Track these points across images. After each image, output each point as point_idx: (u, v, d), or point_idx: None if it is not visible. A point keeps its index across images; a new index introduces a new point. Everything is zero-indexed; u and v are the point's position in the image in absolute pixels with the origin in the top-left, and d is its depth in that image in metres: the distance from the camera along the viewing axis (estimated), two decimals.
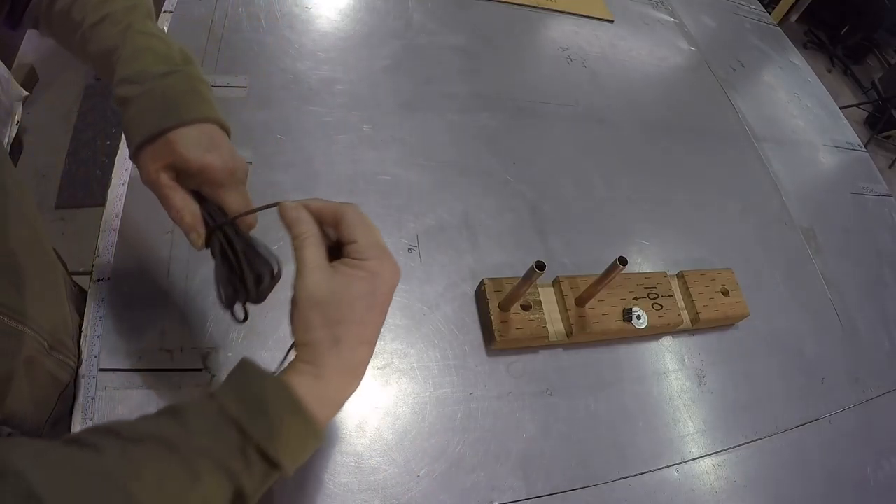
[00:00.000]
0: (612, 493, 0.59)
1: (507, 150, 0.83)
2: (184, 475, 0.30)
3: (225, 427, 0.32)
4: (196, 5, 0.82)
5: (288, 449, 0.33)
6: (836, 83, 3.32)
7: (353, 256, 0.37)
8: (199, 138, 0.40)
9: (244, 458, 0.31)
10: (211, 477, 0.30)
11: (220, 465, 0.31)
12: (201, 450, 0.31)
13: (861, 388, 0.78)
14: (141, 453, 0.30)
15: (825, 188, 1.04)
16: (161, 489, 0.29)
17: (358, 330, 0.36)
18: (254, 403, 0.33)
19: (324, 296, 0.35)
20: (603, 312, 0.67)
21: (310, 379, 0.35)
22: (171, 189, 0.40)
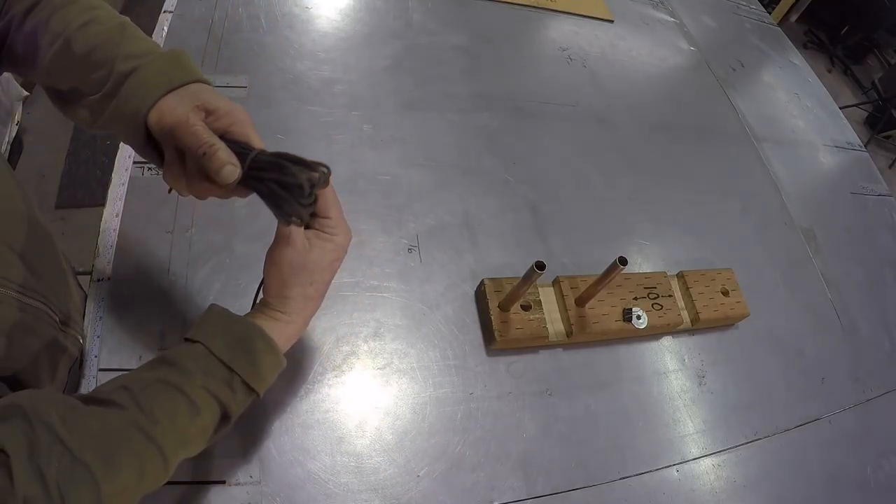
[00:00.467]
0: (612, 493, 0.59)
1: (507, 150, 0.83)
2: (188, 410, 0.37)
3: (214, 366, 0.39)
4: (196, 5, 0.82)
5: (262, 378, 0.41)
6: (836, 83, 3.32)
7: (326, 231, 0.44)
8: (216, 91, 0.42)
9: (231, 389, 0.39)
10: (207, 407, 0.38)
11: (213, 396, 0.38)
12: (198, 387, 0.38)
13: (861, 388, 0.78)
14: (151, 400, 0.36)
15: (825, 188, 1.04)
16: (173, 426, 0.36)
17: (322, 289, 0.45)
18: (238, 345, 0.40)
19: (303, 264, 0.43)
20: (603, 312, 0.67)
21: (282, 325, 0.43)
22: (201, 127, 0.39)
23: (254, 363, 0.40)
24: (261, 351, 0.41)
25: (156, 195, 0.63)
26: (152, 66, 0.40)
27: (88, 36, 0.41)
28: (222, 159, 0.38)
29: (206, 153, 0.38)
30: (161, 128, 0.39)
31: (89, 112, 0.42)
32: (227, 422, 0.40)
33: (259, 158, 0.39)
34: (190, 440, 0.38)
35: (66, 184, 1.70)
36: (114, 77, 0.40)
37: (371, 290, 0.64)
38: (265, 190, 0.40)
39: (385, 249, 0.67)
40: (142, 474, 0.34)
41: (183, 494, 0.48)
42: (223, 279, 0.59)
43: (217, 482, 0.49)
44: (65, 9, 0.42)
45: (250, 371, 0.40)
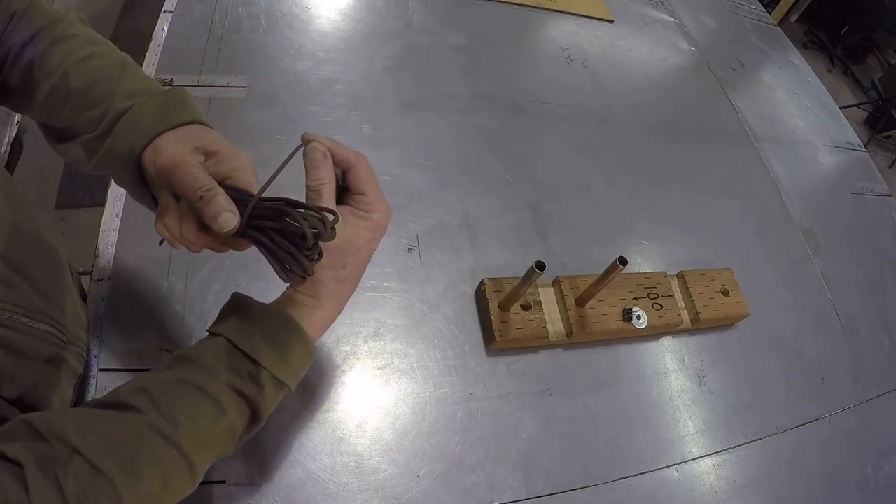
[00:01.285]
0: (612, 493, 0.59)
1: (507, 150, 0.83)
2: (211, 410, 0.35)
3: (238, 361, 0.36)
4: (196, 5, 0.82)
5: (292, 371, 0.38)
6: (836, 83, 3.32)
7: (361, 208, 0.41)
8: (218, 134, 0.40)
9: (258, 384, 0.37)
10: (233, 406, 0.36)
11: (240, 394, 0.36)
12: (223, 384, 0.35)
13: (861, 388, 0.78)
14: (171, 402, 0.34)
15: (825, 188, 1.04)
16: (196, 428, 0.34)
17: (357, 272, 0.42)
18: (263, 336, 0.37)
19: (336, 242, 0.38)
20: (603, 312, 0.67)
21: (310, 310, 0.40)
22: (199, 169, 0.36)
23: (282, 355, 0.37)
24: (289, 341, 0.38)
25: None
26: (149, 104, 0.39)
27: (88, 71, 0.40)
28: (220, 204, 0.35)
29: (204, 197, 0.35)
30: (156, 168, 0.36)
31: (84, 151, 0.41)
32: (258, 420, 0.38)
33: (260, 206, 0.36)
34: (216, 442, 0.36)
35: (66, 184, 1.70)
36: (110, 115, 0.38)
37: (371, 290, 0.64)
38: (266, 241, 0.36)
39: (385, 249, 0.67)
40: (165, 481, 0.33)
41: None
42: (223, 279, 0.59)
43: (217, 482, 0.49)
44: (65, 42, 0.41)
45: (278, 363, 0.37)
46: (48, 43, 0.40)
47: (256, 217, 0.36)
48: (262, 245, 0.36)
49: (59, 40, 0.41)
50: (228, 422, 0.36)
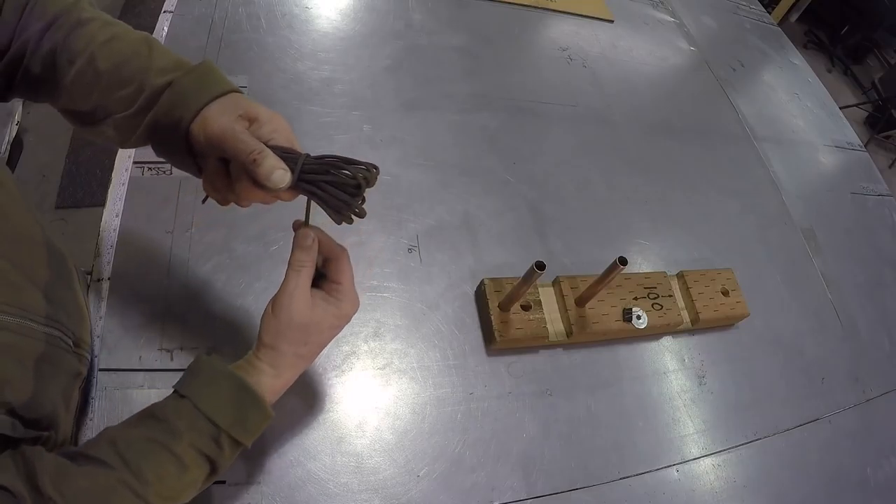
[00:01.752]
0: (612, 493, 0.59)
1: (507, 150, 0.83)
2: (175, 468, 0.38)
3: (201, 423, 0.39)
4: (196, 5, 0.82)
5: (250, 433, 0.41)
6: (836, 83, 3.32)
7: (333, 295, 0.44)
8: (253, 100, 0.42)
9: (218, 445, 0.39)
10: (194, 463, 0.39)
11: (200, 453, 0.39)
12: (186, 445, 0.38)
13: (861, 388, 0.78)
14: (140, 459, 0.37)
15: (825, 188, 1.04)
16: (163, 484, 0.37)
17: (316, 350, 0.46)
18: (224, 401, 0.40)
19: (303, 321, 0.42)
20: (603, 312, 0.67)
21: (269, 379, 0.43)
22: (248, 135, 0.39)
23: (240, 418, 0.40)
24: (247, 406, 0.41)
25: (156, 195, 0.63)
26: (189, 77, 0.41)
27: (113, 52, 0.41)
28: (272, 164, 0.38)
29: (256, 160, 0.38)
30: (206, 137, 0.39)
31: (117, 131, 0.43)
32: (216, 473, 0.41)
33: (308, 162, 0.39)
34: (180, 495, 0.39)
35: (66, 184, 1.70)
36: (147, 92, 0.40)
37: (371, 290, 0.64)
38: (319, 192, 0.40)
39: (385, 249, 0.67)
40: None
41: None
42: (223, 279, 0.59)
43: (217, 482, 0.49)
44: (84, 27, 0.42)
45: (237, 427, 0.40)
46: (67, 29, 0.41)
47: (305, 172, 0.39)
48: (315, 195, 0.40)
49: (77, 25, 0.41)
50: (191, 477, 0.39)
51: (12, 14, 0.41)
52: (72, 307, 0.46)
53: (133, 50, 0.41)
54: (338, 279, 0.44)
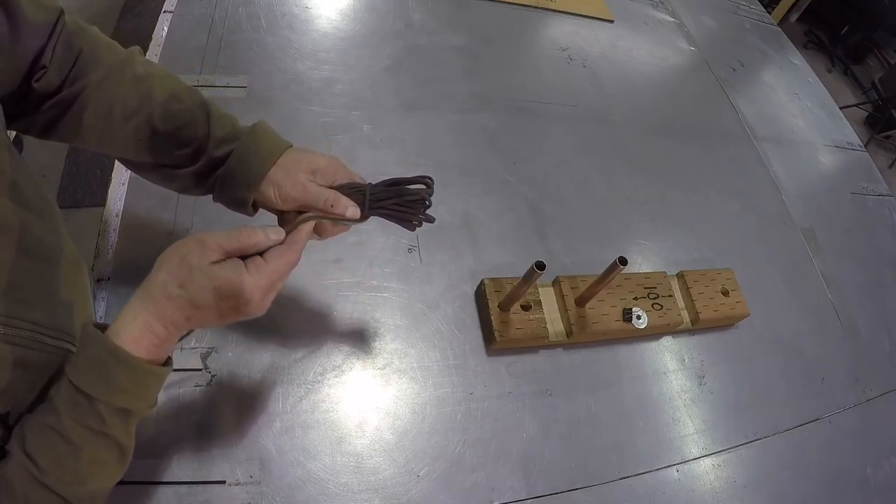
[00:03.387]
0: (612, 493, 0.59)
1: (507, 150, 0.83)
2: (67, 451, 0.35)
3: (77, 398, 0.36)
4: (196, 5, 0.82)
5: (125, 393, 0.37)
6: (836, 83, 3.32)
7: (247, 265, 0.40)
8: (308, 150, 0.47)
9: (99, 416, 0.36)
10: (86, 442, 0.36)
11: (87, 429, 0.36)
12: (70, 422, 0.35)
13: (861, 388, 0.78)
14: (36, 448, 0.35)
15: (825, 188, 1.04)
16: (61, 468, 0.35)
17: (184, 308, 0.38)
18: (90, 366, 0.36)
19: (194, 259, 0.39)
20: (603, 312, 0.67)
21: (133, 318, 0.38)
22: (316, 186, 0.45)
23: (109, 380, 0.36)
24: (111, 365, 0.36)
25: (156, 195, 0.63)
26: (246, 146, 0.44)
27: (172, 115, 0.44)
28: (344, 204, 0.45)
29: (333, 205, 0.44)
30: (282, 197, 0.44)
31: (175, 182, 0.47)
32: (122, 447, 0.38)
33: (373, 191, 0.46)
34: (85, 479, 0.36)
35: (66, 184, 1.70)
36: (205, 159, 0.45)
37: (371, 290, 0.64)
38: (392, 213, 0.47)
39: (385, 249, 0.67)
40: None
41: (183, 494, 0.48)
42: None
43: (217, 482, 0.49)
44: (142, 83, 0.44)
45: (109, 391, 0.36)
46: (126, 84, 0.44)
47: (373, 201, 0.46)
48: (387, 216, 0.47)
49: (135, 81, 0.44)
50: (89, 455, 0.36)
51: (65, 59, 0.43)
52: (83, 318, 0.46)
53: (191, 115, 0.44)
54: (267, 258, 0.41)
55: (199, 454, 0.50)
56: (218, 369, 0.54)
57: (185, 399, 0.52)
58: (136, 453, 0.47)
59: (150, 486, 0.48)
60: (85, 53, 0.43)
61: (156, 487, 0.48)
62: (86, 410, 0.36)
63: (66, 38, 0.43)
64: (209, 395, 0.53)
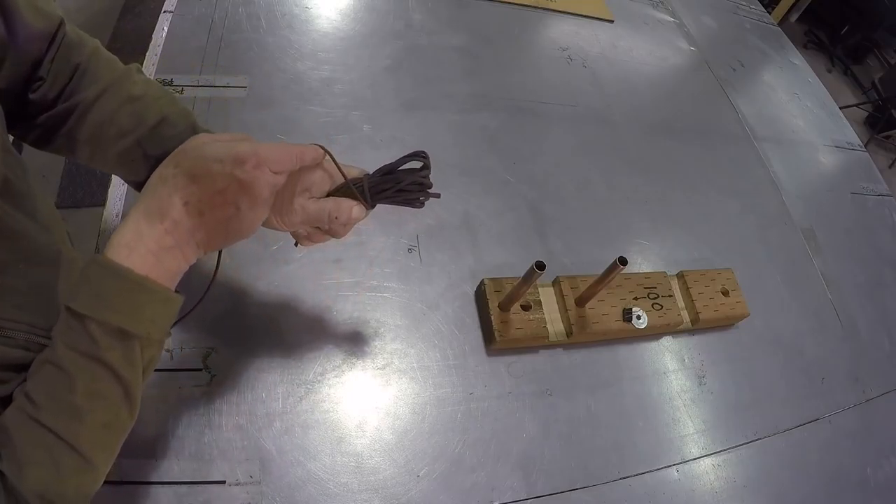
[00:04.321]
0: (612, 493, 0.59)
1: (507, 150, 0.83)
2: (60, 381, 0.33)
3: (70, 321, 0.33)
4: (196, 5, 0.82)
5: (113, 309, 0.33)
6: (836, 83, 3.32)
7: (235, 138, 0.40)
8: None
9: (90, 337, 0.33)
10: (79, 370, 0.33)
11: (80, 354, 0.33)
12: (63, 349, 0.33)
13: (861, 388, 0.78)
14: (33, 384, 0.33)
15: (825, 188, 1.04)
16: (53, 401, 0.32)
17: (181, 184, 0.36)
18: (81, 284, 0.34)
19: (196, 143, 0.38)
20: (603, 312, 0.67)
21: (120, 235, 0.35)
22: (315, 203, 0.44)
23: (97, 296, 0.33)
24: (100, 278, 0.33)
25: None
26: None
27: (163, 139, 0.43)
28: (348, 208, 0.44)
29: (337, 215, 0.44)
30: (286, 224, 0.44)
31: None
32: (119, 377, 0.34)
33: (372, 182, 0.45)
34: (86, 413, 0.33)
35: (66, 184, 1.70)
36: None
37: (371, 290, 0.64)
38: (396, 200, 0.46)
39: (385, 249, 0.67)
40: (56, 466, 0.32)
41: (183, 494, 0.48)
42: (222, 280, 0.59)
43: (217, 482, 0.49)
44: (135, 104, 0.43)
45: (96, 307, 0.33)
46: (118, 103, 0.43)
47: (374, 193, 0.45)
48: (392, 203, 0.47)
49: (128, 101, 0.43)
50: (84, 385, 0.33)
51: (62, 73, 0.42)
52: None
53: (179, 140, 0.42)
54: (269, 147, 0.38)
55: (199, 454, 0.50)
56: (218, 369, 0.54)
57: (185, 399, 0.52)
58: (137, 453, 0.47)
59: (150, 486, 0.48)
60: (82, 68, 0.43)
61: (156, 487, 0.48)
62: (77, 333, 0.33)
63: (64, 51, 0.42)
64: (209, 395, 0.53)
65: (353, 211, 0.44)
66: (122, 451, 0.37)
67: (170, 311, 0.37)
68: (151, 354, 0.36)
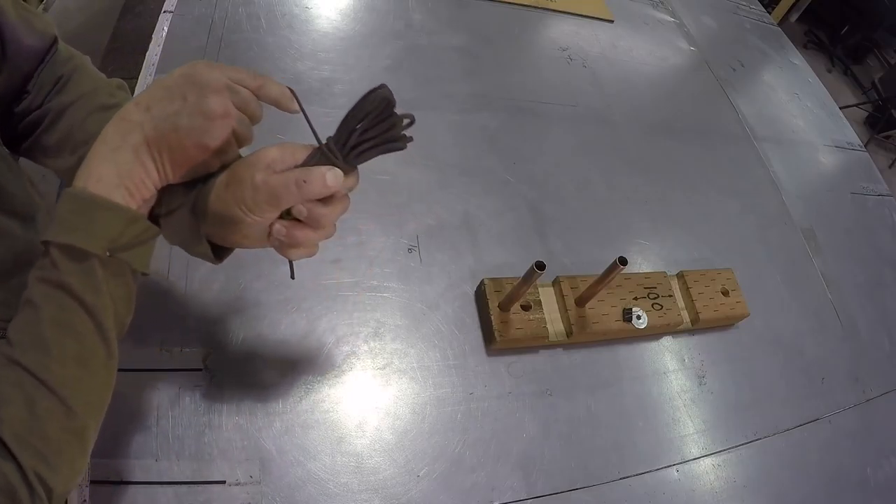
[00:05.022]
0: (612, 493, 0.59)
1: (507, 149, 0.83)
2: (29, 313, 0.32)
3: (42, 255, 0.33)
4: (196, 5, 0.82)
5: (75, 229, 0.32)
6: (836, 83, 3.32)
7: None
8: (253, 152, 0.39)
9: (51, 261, 0.32)
10: (45, 299, 0.32)
11: (43, 281, 0.32)
12: (32, 281, 0.33)
13: (861, 388, 0.78)
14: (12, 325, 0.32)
15: (825, 188, 1.04)
16: (23, 334, 0.32)
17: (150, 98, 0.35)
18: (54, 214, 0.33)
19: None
20: (603, 312, 0.67)
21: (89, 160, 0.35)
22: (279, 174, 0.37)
23: (56, 219, 0.33)
24: (61, 202, 0.33)
25: None
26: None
27: None
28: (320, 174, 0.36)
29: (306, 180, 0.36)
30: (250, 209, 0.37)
31: None
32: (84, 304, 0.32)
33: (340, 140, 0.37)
34: (54, 345, 0.32)
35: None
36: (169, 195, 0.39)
37: (371, 290, 0.64)
38: (372, 151, 0.38)
39: (385, 249, 0.67)
40: (30, 406, 0.31)
41: (183, 494, 0.48)
42: (222, 279, 0.59)
43: (217, 482, 0.49)
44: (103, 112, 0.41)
45: (54, 229, 0.32)
46: (86, 111, 0.42)
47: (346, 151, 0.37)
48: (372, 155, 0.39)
49: (97, 109, 0.42)
50: (50, 314, 0.32)
51: (47, 84, 0.42)
52: None
53: None
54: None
55: (199, 454, 0.50)
56: (218, 369, 0.54)
57: (185, 399, 0.52)
58: (137, 453, 0.47)
59: (150, 486, 0.48)
60: (64, 79, 0.43)
61: (156, 487, 0.48)
62: (43, 262, 0.32)
63: (52, 66, 0.42)
64: (209, 395, 0.53)
65: (328, 177, 0.36)
66: (121, 452, 0.37)
67: (135, 231, 0.35)
68: (123, 282, 0.35)
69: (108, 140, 0.35)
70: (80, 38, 1.96)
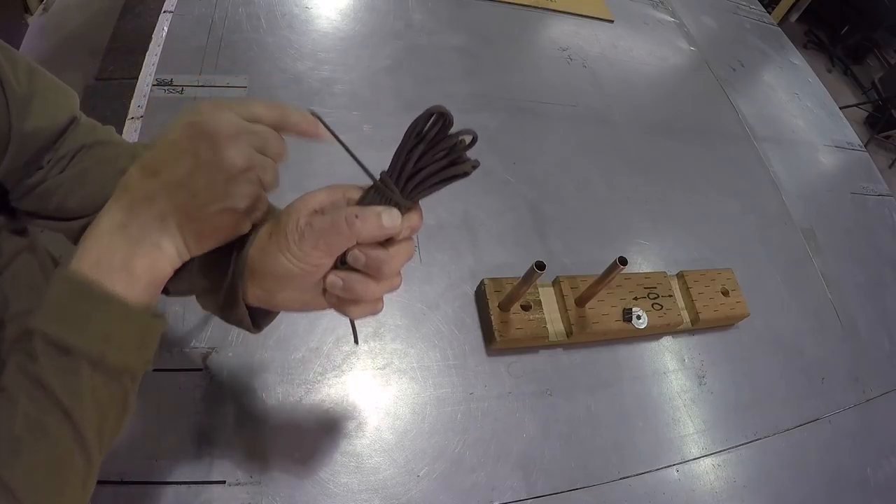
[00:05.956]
0: (612, 493, 0.59)
1: (507, 149, 0.83)
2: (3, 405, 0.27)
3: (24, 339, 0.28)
4: (196, 5, 0.82)
5: (62, 322, 0.28)
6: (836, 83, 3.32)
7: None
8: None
9: (31, 352, 0.27)
10: (20, 391, 0.27)
11: (22, 372, 0.28)
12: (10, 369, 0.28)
13: (861, 388, 0.78)
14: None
15: (825, 188, 1.04)
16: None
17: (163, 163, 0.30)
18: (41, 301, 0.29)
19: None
20: (603, 312, 0.67)
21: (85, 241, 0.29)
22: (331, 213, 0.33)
23: (41, 307, 0.28)
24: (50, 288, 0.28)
25: None
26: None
27: None
28: (374, 213, 0.32)
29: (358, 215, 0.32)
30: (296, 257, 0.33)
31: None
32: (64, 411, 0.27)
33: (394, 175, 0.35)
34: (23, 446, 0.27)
35: None
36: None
37: None
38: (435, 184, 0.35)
39: None
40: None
41: (183, 494, 0.48)
42: None
43: (217, 482, 0.49)
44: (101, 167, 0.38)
45: (40, 318, 0.28)
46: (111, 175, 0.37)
47: (405, 188, 0.34)
48: (435, 187, 0.35)
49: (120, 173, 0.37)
50: (24, 411, 0.27)
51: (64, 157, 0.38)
52: None
53: None
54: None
55: (199, 454, 0.50)
56: (218, 369, 0.54)
57: (185, 399, 0.52)
58: (137, 453, 0.47)
59: (150, 486, 0.48)
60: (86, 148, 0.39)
61: (156, 487, 0.48)
62: (25, 350, 0.28)
63: (71, 141, 0.38)
64: (209, 395, 0.53)
65: (384, 216, 0.32)
66: (122, 452, 0.37)
67: (135, 329, 0.30)
68: (117, 385, 0.29)
69: (112, 215, 0.29)
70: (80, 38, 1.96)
